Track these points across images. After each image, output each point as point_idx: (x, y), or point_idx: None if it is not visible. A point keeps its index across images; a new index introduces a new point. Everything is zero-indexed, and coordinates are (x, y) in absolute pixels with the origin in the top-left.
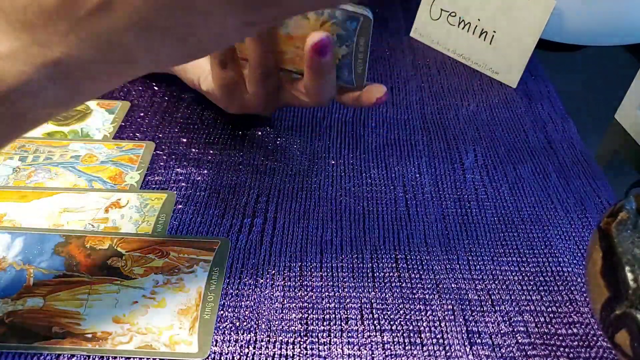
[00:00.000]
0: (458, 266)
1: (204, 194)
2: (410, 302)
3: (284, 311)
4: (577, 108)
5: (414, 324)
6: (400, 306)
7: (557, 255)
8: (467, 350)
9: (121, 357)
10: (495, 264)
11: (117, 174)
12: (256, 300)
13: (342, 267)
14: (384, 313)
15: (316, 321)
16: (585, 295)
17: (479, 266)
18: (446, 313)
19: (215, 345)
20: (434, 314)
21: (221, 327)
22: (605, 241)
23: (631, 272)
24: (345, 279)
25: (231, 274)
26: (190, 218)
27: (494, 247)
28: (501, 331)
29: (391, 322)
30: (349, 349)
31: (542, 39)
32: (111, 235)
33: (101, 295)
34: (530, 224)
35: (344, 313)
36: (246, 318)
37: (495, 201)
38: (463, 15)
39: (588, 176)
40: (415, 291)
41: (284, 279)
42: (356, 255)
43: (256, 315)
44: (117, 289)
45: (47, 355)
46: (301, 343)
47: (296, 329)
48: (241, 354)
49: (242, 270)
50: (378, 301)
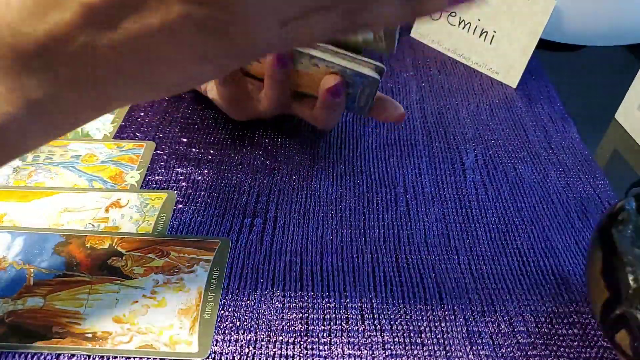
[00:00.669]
0: (458, 266)
1: (204, 194)
2: (410, 302)
3: (284, 311)
4: (577, 108)
5: (414, 323)
6: (401, 306)
7: (557, 255)
8: (467, 350)
9: (121, 357)
10: (495, 264)
11: (118, 173)
12: (256, 300)
13: (342, 267)
14: (384, 313)
15: (316, 321)
16: (585, 295)
17: (479, 266)
18: (446, 313)
19: (216, 345)
20: (434, 313)
21: (221, 327)
22: (605, 241)
23: (631, 272)
24: (345, 279)
25: (231, 273)
26: (191, 218)
27: (494, 247)
28: (501, 331)
29: (391, 322)
30: (349, 348)
31: (542, 39)
32: (111, 235)
33: (101, 295)
34: (530, 224)
35: (344, 313)
36: (246, 318)
37: (495, 201)
38: (463, 15)
39: (588, 176)
40: (415, 291)
41: (284, 279)
42: (356, 255)
43: (256, 315)
44: (118, 288)
45: (47, 354)
46: (301, 343)
47: (296, 328)
48: (241, 353)
49: (242, 270)
50: (378, 301)
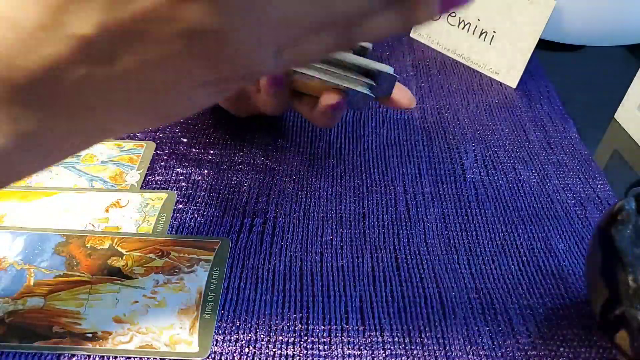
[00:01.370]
0: (458, 266)
1: (204, 194)
2: (411, 301)
3: (284, 311)
4: (577, 108)
5: (414, 323)
6: (401, 306)
7: (557, 255)
8: (467, 350)
9: (121, 357)
10: (495, 264)
11: (118, 173)
12: (256, 300)
13: (342, 267)
14: (384, 313)
15: (316, 321)
16: (585, 295)
17: (479, 266)
18: (446, 313)
19: (216, 345)
20: (434, 313)
21: (221, 327)
22: (605, 241)
23: (631, 272)
24: (345, 279)
25: (231, 273)
26: (191, 218)
27: (494, 247)
28: (501, 331)
29: (391, 322)
30: (349, 348)
31: (542, 39)
32: (111, 235)
33: (101, 295)
34: (530, 224)
35: (344, 313)
36: (246, 318)
37: (495, 201)
38: (463, 15)
39: (588, 176)
40: (415, 291)
41: (284, 279)
42: (356, 255)
43: (256, 315)
44: (118, 288)
45: (48, 355)
46: (301, 343)
47: (296, 328)
48: (241, 353)
49: (242, 270)
50: (378, 301)
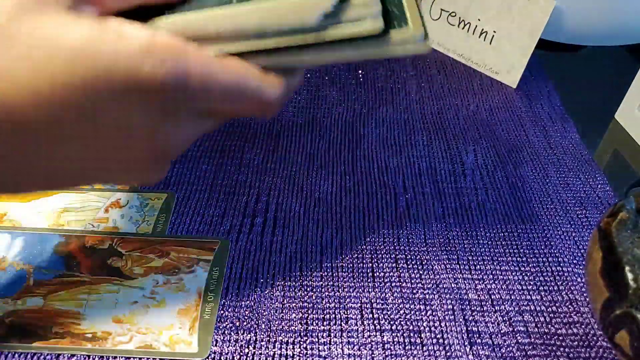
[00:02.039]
0: (458, 266)
1: (204, 194)
2: (410, 302)
3: (284, 311)
4: (577, 108)
5: (414, 323)
6: (400, 306)
7: (557, 255)
8: (467, 350)
9: (121, 357)
10: (495, 264)
11: None
12: (256, 300)
13: (342, 267)
14: (384, 313)
15: (316, 321)
16: (585, 295)
17: (479, 266)
18: (446, 313)
19: (215, 345)
20: (434, 313)
21: (221, 327)
22: (605, 241)
23: (631, 272)
24: (345, 279)
25: (231, 273)
26: (190, 218)
27: (494, 247)
28: (501, 331)
29: (391, 322)
30: (349, 348)
31: (542, 39)
32: (111, 235)
33: (101, 295)
34: (530, 224)
35: (344, 313)
36: (246, 318)
37: (495, 201)
38: (463, 15)
39: (588, 176)
40: (415, 291)
41: (284, 279)
42: (356, 255)
43: (256, 315)
44: (117, 288)
45: (47, 355)
46: (301, 343)
47: (296, 328)
48: (241, 353)
49: (242, 270)
50: (378, 301)
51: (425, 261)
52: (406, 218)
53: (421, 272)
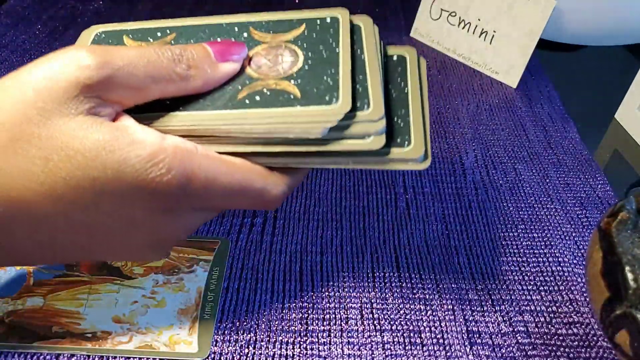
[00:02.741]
0: (458, 266)
1: None
2: (410, 302)
3: (284, 311)
4: (577, 108)
5: (414, 323)
6: (400, 306)
7: (557, 255)
8: (467, 350)
9: (121, 357)
10: (495, 264)
11: None
12: (256, 300)
13: (342, 267)
14: (384, 313)
15: (316, 321)
16: (585, 295)
17: (479, 266)
18: (446, 313)
19: (215, 345)
20: (434, 314)
21: (221, 327)
22: (606, 241)
23: (631, 272)
24: (345, 279)
25: (231, 273)
26: None
27: (494, 247)
28: (501, 331)
29: (391, 322)
30: (349, 349)
31: (542, 39)
32: None
33: (101, 294)
34: (530, 224)
35: (344, 313)
36: (246, 318)
37: (495, 201)
38: (463, 15)
39: (588, 176)
40: (415, 291)
41: (284, 279)
42: (356, 255)
43: (256, 315)
44: (117, 288)
45: (47, 354)
46: (301, 343)
47: (296, 329)
48: (241, 354)
49: (242, 270)
50: (378, 301)
51: (425, 261)
52: (406, 218)
53: (421, 272)
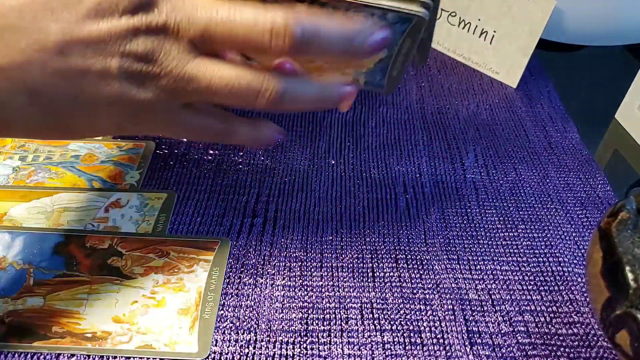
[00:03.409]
0: (458, 266)
1: (204, 194)
2: (411, 302)
3: (284, 311)
4: (577, 108)
5: (414, 323)
6: (401, 306)
7: (557, 255)
8: (468, 350)
9: (121, 357)
10: (495, 264)
11: (117, 173)
12: (256, 300)
13: (342, 267)
14: (384, 313)
15: (316, 321)
16: (585, 295)
17: (479, 266)
18: (446, 313)
19: (215, 345)
20: (434, 314)
21: (221, 327)
22: (606, 241)
23: (631, 272)
24: (345, 279)
25: (231, 273)
26: (190, 218)
27: (494, 247)
28: (501, 331)
29: (391, 322)
30: (349, 348)
31: (542, 39)
32: (111, 234)
33: (101, 294)
34: (530, 224)
35: (344, 313)
36: (246, 318)
37: (495, 201)
38: (463, 15)
39: (588, 176)
40: (415, 291)
41: (284, 279)
42: (356, 255)
43: (256, 315)
44: (117, 288)
45: (47, 354)
46: (301, 343)
47: (296, 328)
48: (241, 353)
49: (242, 270)
50: (378, 301)
51: (425, 261)
52: (406, 218)
53: (421, 272)
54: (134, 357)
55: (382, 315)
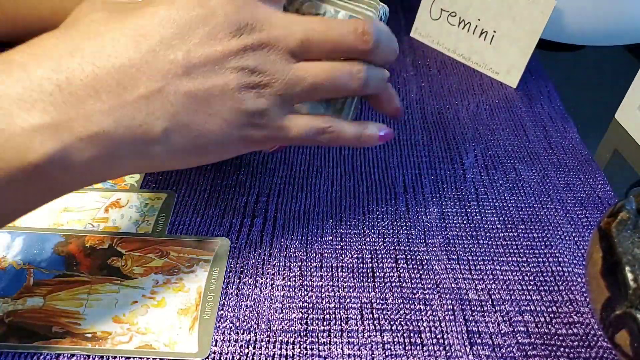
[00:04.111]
0: (458, 266)
1: (204, 194)
2: (410, 302)
3: (284, 311)
4: (577, 108)
5: (414, 324)
6: (400, 306)
7: (557, 255)
8: (467, 350)
9: (121, 357)
10: (495, 264)
11: None
12: (256, 300)
13: (342, 267)
14: (384, 313)
15: (316, 321)
16: (585, 295)
17: (479, 266)
18: (446, 313)
19: (215, 345)
20: (434, 314)
21: (221, 327)
22: (605, 241)
23: (631, 272)
24: (345, 279)
25: (231, 273)
26: (190, 218)
27: (494, 247)
28: (501, 331)
29: (391, 322)
30: (349, 349)
31: (542, 39)
32: (111, 235)
33: (101, 295)
34: (530, 224)
35: (344, 313)
36: (246, 318)
37: (495, 201)
38: (463, 15)
39: (588, 176)
40: (415, 291)
41: (284, 279)
42: (356, 255)
43: (256, 315)
44: (117, 288)
45: (47, 355)
46: (301, 343)
47: (296, 329)
48: (241, 353)
49: (242, 270)
50: (378, 301)
51: (425, 261)
52: (406, 218)
53: (421, 272)
54: (134, 357)
55: (382, 315)
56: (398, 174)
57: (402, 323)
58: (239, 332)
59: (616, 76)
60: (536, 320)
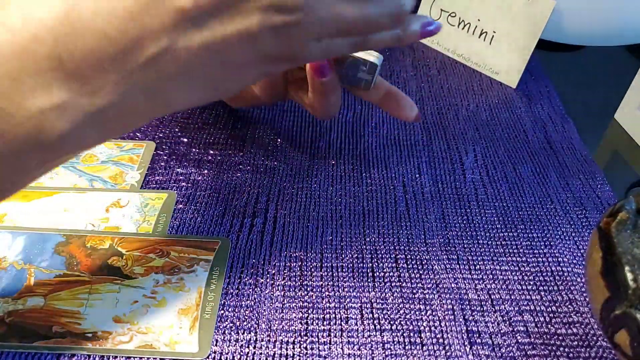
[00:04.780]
0: (458, 266)
1: (204, 194)
2: (410, 302)
3: (284, 311)
4: (577, 108)
5: (414, 323)
6: (400, 306)
7: (557, 255)
8: (467, 350)
9: (121, 357)
10: (495, 264)
11: (118, 173)
12: (256, 300)
13: (342, 267)
14: (384, 313)
15: (316, 321)
16: (585, 295)
17: (479, 266)
18: (446, 313)
19: (216, 345)
20: (434, 313)
21: (221, 327)
22: (605, 241)
23: (631, 272)
24: (345, 279)
25: (231, 273)
26: (191, 218)
27: (494, 247)
28: (501, 331)
29: (391, 322)
30: (349, 348)
31: (542, 39)
32: (112, 234)
33: (101, 294)
34: (530, 224)
35: (344, 313)
36: (246, 318)
37: (495, 201)
38: (463, 16)
39: (588, 176)
40: (415, 291)
41: (284, 279)
42: (356, 255)
43: (256, 314)
44: (118, 288)
45: (48, 354)
46: (301, 343)
47: (296, 328)
48: (241, 353)
49: (242, 270)
50: (378, 301)
51: (425, 261)
52: (406, 218)
53: (421, 272)
54: (134, 357)
55: (382, 315)
56: (398, 174)
57: (402, 323)
58: (239, 331)
59: (616, 76)
60: (536, 320)
